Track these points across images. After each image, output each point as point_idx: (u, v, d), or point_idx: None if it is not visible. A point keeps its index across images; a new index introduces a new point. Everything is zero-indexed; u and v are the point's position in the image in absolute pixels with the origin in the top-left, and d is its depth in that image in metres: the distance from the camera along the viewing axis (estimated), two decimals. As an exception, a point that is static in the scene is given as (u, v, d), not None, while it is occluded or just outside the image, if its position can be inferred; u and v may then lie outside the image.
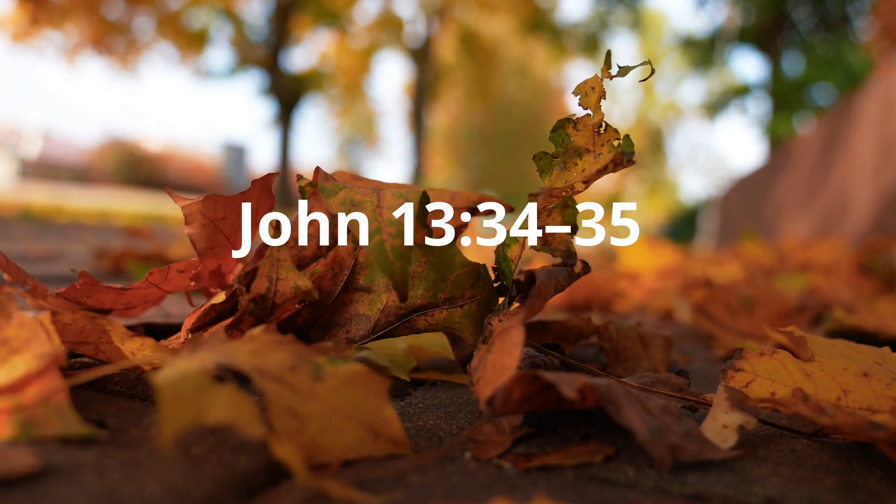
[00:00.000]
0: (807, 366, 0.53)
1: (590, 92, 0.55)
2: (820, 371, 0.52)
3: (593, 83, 0.55)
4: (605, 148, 0.54)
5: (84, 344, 0.53)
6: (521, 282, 0.52)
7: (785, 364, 0.53)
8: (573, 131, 0.56)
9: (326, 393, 0.41)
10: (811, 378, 0.52)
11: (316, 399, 0.40)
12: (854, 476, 0.44)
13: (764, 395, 0.52)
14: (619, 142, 0.54)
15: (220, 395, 0.35)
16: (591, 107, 0.55)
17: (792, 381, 0.53)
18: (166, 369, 0.36)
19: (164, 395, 0.33)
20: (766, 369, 0.54)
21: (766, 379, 0.53)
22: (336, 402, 0.41)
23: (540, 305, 0.51)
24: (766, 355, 0.54)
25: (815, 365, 0.53)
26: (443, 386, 0.65)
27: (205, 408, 0.34)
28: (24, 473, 0.34)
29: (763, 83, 14.34)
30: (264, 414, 0.42)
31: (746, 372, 0.54)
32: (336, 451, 0.40)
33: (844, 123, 4.53)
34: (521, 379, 0.43)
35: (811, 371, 0.53)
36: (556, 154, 0.57)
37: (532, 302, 0.49)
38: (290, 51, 13.03)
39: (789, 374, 0.53)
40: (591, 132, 0.55)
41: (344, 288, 0.60)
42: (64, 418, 0.40)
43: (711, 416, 0.48)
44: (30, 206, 6.49)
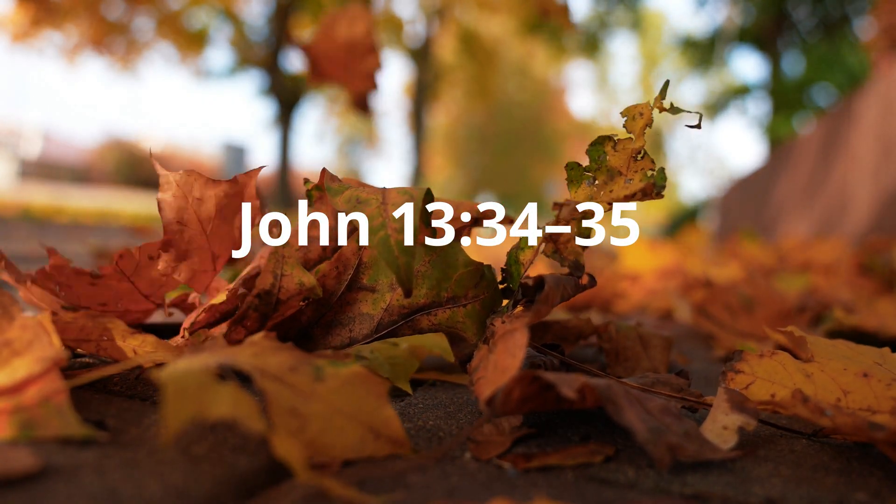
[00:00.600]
0: (807, 366, 0.53)
1: (637, 117, 0.55)
2: (820, 372, 0.52)
3: (642, 109, 0.55)
4: (637, 175, 0.55)
5: (86, 342, 0.53)
6: (529, 286, 0.52)
7: (785, 365, 0.54)
8: (611, 151, 0.56)
9: (327, 393, 0.41)
10: (811, 379, 0.52)
11: (316, 399, 0.40)
12: (854, 476, 0.44)
13: (764, 396, 0.52)
14: (653, 173, 0.54)
15: (223, 392, 0.35)
16: (634, 131, 0.55)
17: (792, 382, 0.53)
18: (170, 366, 0.36)
19: (167, 391, 0.33)
20: (765, 371, 0.54)
21: (765, 380, 0.53)
22: (336, 402, 0.41)
23: (546, 311, 0.51)
24: (766, 357, 0.54)
25: (814, 366, 0.53)
26: (442, 386, 0.65)
27: (207, 403, 0.34)
28: (24, 474, 0.35)
29: (763, 83, 14.34)
30: (265, 414, 0.42)
31: (746, 374, 0.54)
32: (337, 451, 0.40)
33: (844, 124, 4.53)
34: (520, 379, 0.43)
35: (811, 372, 0.53)
36: (589, 168, 0.57)
37: (539, 307, 0.49)
38: (290, 51, 13.02)
39: (789, 375, 0.53)
40: (628, 156, 0.55)
41: (348, 287, 0.60)
42: (64, 419, 0.40)
43: (711, 418, 0.48)
44: (30, 205, 6.49)
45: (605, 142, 0.56)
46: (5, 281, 0.59)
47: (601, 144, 0.56)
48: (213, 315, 0.59)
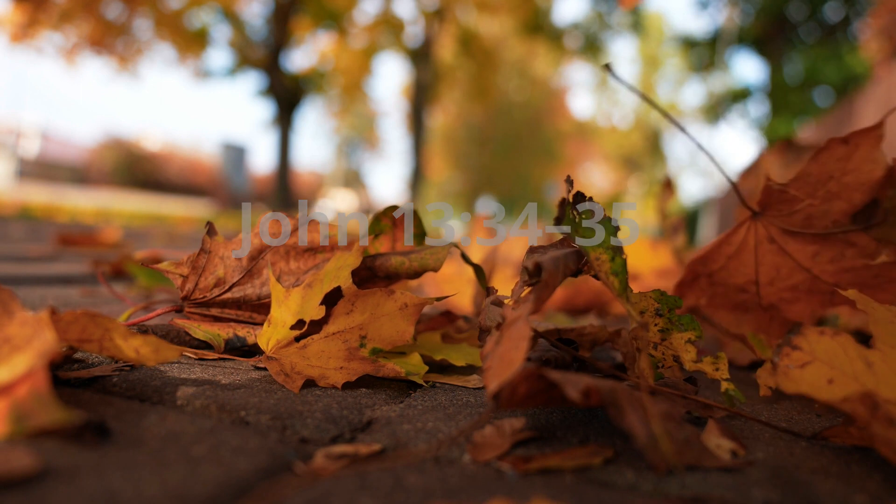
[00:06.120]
0: (869, 353, 0.48)
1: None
2: (882, 362, 0.47)
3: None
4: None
5: (88, 342, 0.53)
6: (530, 270, 0.52)
7: (846, 349, 0.49)
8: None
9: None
10: (872, 369, 0.47)
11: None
12: (854, 479, 0.44)
13: (820, 381, 0.47)
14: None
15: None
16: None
17: (852, 369, 0.47)
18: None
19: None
20: (824, 352, 0.49)
21: (824, 363, 0.48)
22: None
23: (548, 295, 0.51)
24: (827, 336, 0.49)
25: (877, 353, 0.48)
26: (442, 388, 0.65)
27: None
28: (23, 475, 0.34)
29: (762, 86, 14.35)
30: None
31: (804, 351, 0.49)
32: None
33: (844, 125, 4.53)
34: (527, 376, 0.43)
35: (873, 360, 0.48)
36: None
37: (539, 293, 0.49)
38: (290, 51, 13.02)
39: (849, 361, 0.48)
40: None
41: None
42: (45, 406, 0.39)
43: (706, 437, 0.48)
44: (28, 205, 6.48)
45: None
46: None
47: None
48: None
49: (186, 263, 0.72)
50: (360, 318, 0.63)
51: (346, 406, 0.54)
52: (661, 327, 0.58)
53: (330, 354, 0.62)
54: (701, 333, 0.57)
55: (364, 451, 0.44)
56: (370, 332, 0.63)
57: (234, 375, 0.62)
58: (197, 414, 0.50)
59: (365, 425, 0.51)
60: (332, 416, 0.51)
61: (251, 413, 0.50)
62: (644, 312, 0.58)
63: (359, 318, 0.63)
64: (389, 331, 0.63)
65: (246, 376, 0.62)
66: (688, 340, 0.57)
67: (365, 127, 32.45)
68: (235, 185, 17.00)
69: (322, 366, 0.61)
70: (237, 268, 0.73)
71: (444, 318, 0.85)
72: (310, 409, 0.52)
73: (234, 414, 0.50)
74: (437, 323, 0.85)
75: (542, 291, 0.49)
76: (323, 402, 0.54)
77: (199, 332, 0.69)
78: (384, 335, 0.63)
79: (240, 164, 17.28)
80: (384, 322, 0.63)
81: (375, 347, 0.63)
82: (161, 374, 0.60)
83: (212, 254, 0.73)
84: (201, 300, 0.72)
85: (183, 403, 0.52)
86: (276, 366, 0.61)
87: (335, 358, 0.62)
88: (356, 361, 0.62)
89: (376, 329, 0.63)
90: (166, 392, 0.54)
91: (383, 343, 0.63)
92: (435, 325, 0.84)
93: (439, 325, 0.85)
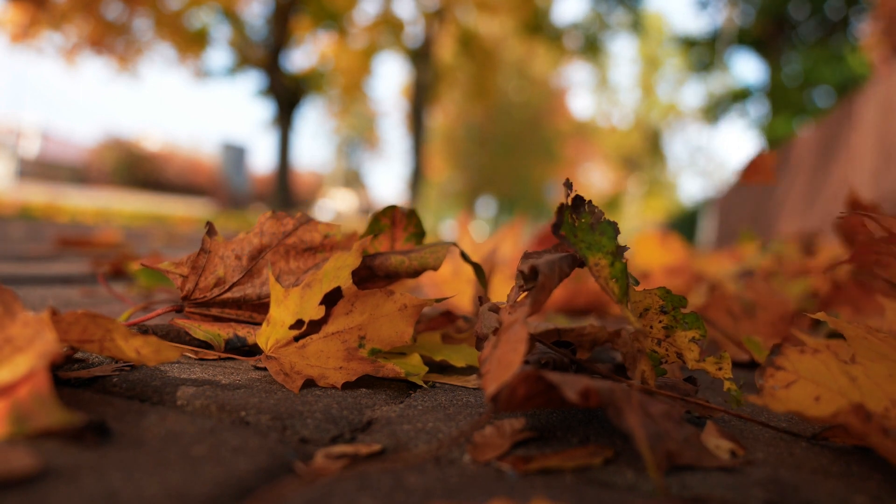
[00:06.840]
0: (850, 368, 0.49)
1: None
2: (865, 377, 0.48)
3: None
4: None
5: (89, 342, 0.53)
6: (526, 273, 0.52)
7: (828, 365, 0.49)
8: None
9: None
10: (856, 384, 0.48)
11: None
12: (854, 480, 0.44)
13: (807, 399, 0.48)
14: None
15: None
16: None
17: (837, 384, 0.48)
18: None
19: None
20: (808, 370, 0.49)
21: (809, 381, 0.49)
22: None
23: (545, 298, 0.51)
24: (808, 354, 0.50)
25: (858, 368, 0.49)
26: (442, 388, 0.65)
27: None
28: (23, 475, 0.34)
29: (762, 85, 14.35)
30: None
31: (788, 371, 0.50)
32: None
33: (844, 125, 4.53)
34: (526, 378, 0.43)
35: (856, 375, 0.48)
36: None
37: (536, 296, 0.49)
38: (290, 51, 13.02)
39: (833, 377, 0.49)
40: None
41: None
42: (46, 407, 0.39)
43: (705, 437, 0.48)
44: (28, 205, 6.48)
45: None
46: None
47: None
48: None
49: (186, 263, 0.72)
50: (360, 319, 0.63)
51: (346, 406, 0.54)
52: (666, 324, 0.58)
53: (329, 354, 0.62)
54: (705, 332, 0.57)
55: (364, 451, 0.44)
56: (369, 333, 0.63)
57: (235, 375, 0.62)
58: (197, 414, 0.50)
59: (365, 425, 0.51)
60: (332, 416, 0.51)
61: (251, 413, 0.50)
62: (646, 312, 0.58)
63: (358, 318, 0.63)
64: (388, 332, 0.63)
65: (246, 376, 0.62)
66: (692, 339, 0.57)
67: (365, 127, 32.45)
68: (235, 186, 16.99)
69: (321, 365, 0.61)
70: (237, 267, 0.73)
71: (443, 319, 0.85)
72: (310, 409, 0.52)
73: (235, 414, 0.50)
74: (437, 323, 0.85)
75: (538, 294, 0.49)
76: (323, 402, 0.54)
77: (199, 331, 0.69)
78: (383, 336, 0.63)
79: (240, 165, 17.27)
80: (383, 323, 0.63)
81: (374, 348, 0.63)
82: (161, 374, 0.60)
83: (212, 254, 0.73)
84: (201, 300, 0.72)
85: (183, 403, 0.52)
86: (276, 365, 0.61)
87: (334, 358, 0.62)
88: (355, 361, 0.62)
89: (375, 330, 0.63)
90: (166, 392, 0.54)
91: (382, 344, 0.63)
92: (435, 325, 0.84)
93: (439, 325, 0.85)
